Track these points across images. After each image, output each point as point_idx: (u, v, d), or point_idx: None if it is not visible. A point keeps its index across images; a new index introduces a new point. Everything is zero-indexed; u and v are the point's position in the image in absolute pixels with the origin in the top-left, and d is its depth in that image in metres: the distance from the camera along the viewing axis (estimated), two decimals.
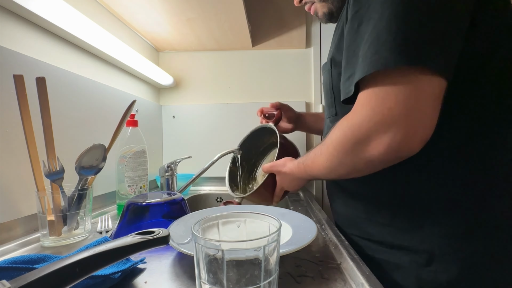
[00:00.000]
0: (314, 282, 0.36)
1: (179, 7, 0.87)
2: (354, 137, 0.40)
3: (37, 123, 0.52)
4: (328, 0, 0.60)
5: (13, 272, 0.32)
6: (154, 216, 0.54)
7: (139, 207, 0.53)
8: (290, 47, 1.23)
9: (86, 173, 0.55)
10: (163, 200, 0.55)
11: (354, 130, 0.40)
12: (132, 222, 0.52)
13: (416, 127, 0.36)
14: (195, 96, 1.27)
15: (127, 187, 0.76)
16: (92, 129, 0.77)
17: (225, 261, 0.26)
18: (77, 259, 0.25)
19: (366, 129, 0.38)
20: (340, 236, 0.50)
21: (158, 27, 1.03)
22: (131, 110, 0.68)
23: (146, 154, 0.81)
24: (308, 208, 0.79)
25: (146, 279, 0.37)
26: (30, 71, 0.57)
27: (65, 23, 0.64)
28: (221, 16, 0.94)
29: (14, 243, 0.50)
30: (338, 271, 0.39)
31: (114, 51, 0.82)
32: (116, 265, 0.37)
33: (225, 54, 1.26)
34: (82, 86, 0.74)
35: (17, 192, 0.54)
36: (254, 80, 1.26)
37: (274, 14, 1.20)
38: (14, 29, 0.58)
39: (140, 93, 1.10)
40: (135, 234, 0.32)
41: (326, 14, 0.62)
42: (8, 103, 0.53)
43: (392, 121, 0.36)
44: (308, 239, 0.41)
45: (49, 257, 0.37)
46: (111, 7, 0.88)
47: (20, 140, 0.53)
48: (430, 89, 0.36)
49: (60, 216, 0.52)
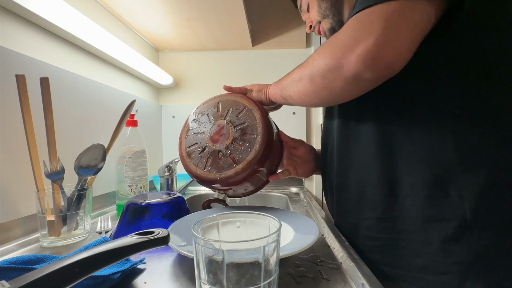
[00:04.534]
0: (315, 282, 0.36)
1: (179, 6, 0.87)
2: (339, 42, 0.41)
3: (37, 123, 0.51)
4: (328, 15, 0.63)
5: (12, 273, 0.32)
6: (154, 216, 0.54)
7: (138, 207, 0.53)
8: (290, 47, 1.23)
9: (85, 173, 0.55)
10: (163, 200, 0.55)
11: (339, 37, 0.41)
12: (132, 223, 0.52)
13: (391, 41, 0.37)
14: (195, 96, 1.27)
15: (126, 187, 0.76)
16: (91, 129, 0.76)
17: (225, 262, 0.26)
18: (76, 259, 0.25)
19: (349, 36, 0.40)
20: (340, 236, 0.50)
21: (158, 27, 1.03)
22: (130, 110, 0.68)
23: (145, 154, 0.81)
24: (308, 208, 0.79)
25: (146, 280, 0.37)
26: (30, 71, 0.57)
27: (65, 23, 0.64)
28: (221, 16, 0.94)
29: (14, 244, 0.50)
30: (339, 272, 0.39)
31: (114, 51, 0.81)
32: (115, 265, 0.36)
33: (225, 54, 1.26)
34: (82, 86, 0.74)
35: (17, 192, 0.54)
36: (254, 80, 1.25)
37: (274, 14, 1.20)
38: (14, 29, 0.57)
39: (139, 93, 1.10)
40: (134, 234, 0.32)
41: (330, 29, 0.65)
42: (8, 103, 0.53)
43: (370, 30, 0.38)
44: (310, 241, 0.41)
45: (49, 258, 0.37)
46: (111, 7, 0.88)
47: (20, 140, 0.53)
48: (417, 16, 0.38)
49: (60, 216, 0.51)
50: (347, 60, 0.39)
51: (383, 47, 0.37)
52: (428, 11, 0.38)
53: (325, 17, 0.64)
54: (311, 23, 0.69)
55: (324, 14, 0.64)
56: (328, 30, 0.66)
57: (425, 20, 0.38)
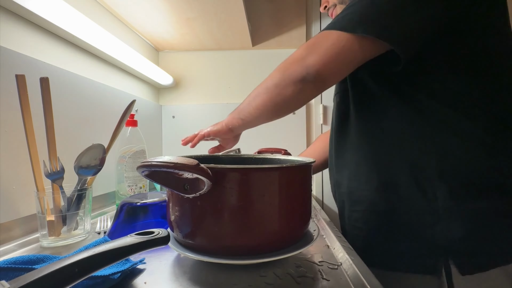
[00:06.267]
0: (315, 282, 0.36)
1: (179, 6, 0.87)
2: (291, 58, 0.51)
3: (36, 123, 0.51)
4: (346, 2, 0.64)
5: (12, 273, 0.32)
6: (153, 216, 0.54)
7: (133, 207, 0.53)
8: (290, 47, 1.23)
9: (85, 173, 0.55)
10: (162, 200, 0.55)
11: (293, 54, 0.52)
12: (127, 222, 0.52)
13: (327, 64, 0.46)
14: (194, 96, 1.27)
15: (126, 187, 0.76)
16: (91, 129, 0.76)
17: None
18: (76, 259, 0.25)
19: (299, 52, 0.50)
20: (340, 236, 0.50)
21: (157, 27, 1.03)
22: (130, 110, 0.68)
23: (145, 154, 0.81)
24: None
25: (146, 280, 0.37)
26: (30, 71, 0.57)
27: (65, 23, 0.64)
28: (221, 15, 0.94)
29: (14, 244, 0.50)
30: (339, 272, 0.39)
31: (113, 51, 0.81)
32: (115, 265, 0.36)
33: (225, 54, 1.26)
34: (82, 86, 0.74)
35: (17, 192, 0.54)
36: (254, 80, 1.26)
37: (274, 14, 1.20)
38: (14, 29, 0.57)
39: (139, 93, 1.10)
40: (134, 234, 0.32)
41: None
42: (8, 104, 0.53)
43: (313, 50, 0.48)
44: (309, 242, 0.41)
45: (49, 258, 0.37)
46: (111, 7, 0.87)
47: (20, 140, 0.53)
48: (358, 48, 0.45)
49: (60, 216, 0.51)
50: (294, 69, 0.49)
51: (323, 64, 0.46)
52: (374, 47, 0.45)
53: (342, 3, 0.64)
54: (327, 3, 0.68)
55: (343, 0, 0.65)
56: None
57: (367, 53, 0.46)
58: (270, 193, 0.37)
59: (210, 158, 0.57)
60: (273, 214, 0.37)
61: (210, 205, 0.36)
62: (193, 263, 0.41)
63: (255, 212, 0.36)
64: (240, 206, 0.35)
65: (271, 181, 0.37)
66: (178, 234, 0.39)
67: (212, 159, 0.57)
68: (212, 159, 0.57)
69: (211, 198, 0.35)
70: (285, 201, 0.38)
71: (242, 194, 0.36)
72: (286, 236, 0.39)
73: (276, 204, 0.37)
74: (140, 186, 0.79)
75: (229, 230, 0.36)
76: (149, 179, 0.36)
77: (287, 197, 0.38)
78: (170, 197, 0.41)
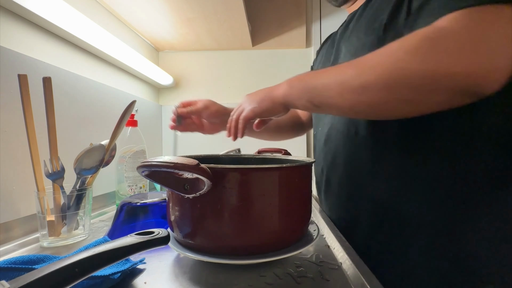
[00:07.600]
0: (314, 283, 0.36)
1: (179, 6, 0.87)
2: (442, 39, 0.32)
3: (36, 123, 0.51)
4: None
5: (12, 273, 0.32)
6: (153, 216, 0.54)
7: (133, 207, 0.53)
8: (290, 47, 1.23)
9: (85, 173, 0.55)
10: (162, 200, 0.55)
11: (452, 37, 0.32)
12: (127, 223, 0.52)
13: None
14: (195, 96, 1.26)
15: (126, 187, 0.76)
16: (91, 129, 0.76)
17: None
18: (76, 259, 0.25)
19: (456, 39, 0.31)
20: (340, 236, 0.50)
21: (157, 27, 1.03)
22: (130, 111, 0.68)
23: (145, 154, 0.81)
24: None
25: (146, 280, 0.37)
26: (30, 71, 0.57)
27: (65, 23, 0.64)
28: (221, 15, 0.94)
29: (14, 244, 0.50)
30: (339, 272, 0.39)
31: (113, 51, 0.81)
32: (115, 265, 0.36)
33: (225, 54, 1.26)
34: (82, 86, 0.74)
35: (17, 192, 0.54)
36: (254, 80, 1.26)
37: (274, 14, 1.20)
38: (15, 29, 0.57)
39: (139, 93, 1.10)
40: (134, 234, 0.32)
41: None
42: (8, 104, 0.53)
43: (484, 47, 0.31)
44: (309, 242, 0.41)
45: (49, 258, 0.37)
46: (111, 7, 0.88)
47: (20, 140, 0.53)
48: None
49: (60, 216, 0.51)
50: (476, 68, 0.31)
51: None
52: None
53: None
54: None
55: None
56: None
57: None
58: (270, 193, 0.37)
59: (210, 158, 0.57)
60: (273, 214, 0.37)
61: (210, 205, 0.36)
62: (193, 263, 0.41)
63: (255, 212, 0.36)
64: (240, 206, 0.35)
65: (271, 181, 0.37)
66: (178, 234, 0.39)
67: (212, 159, 0.57)
68: (212, 159, 0.57)
69: (211, 198, 0.35)
70: (285, 201, 0.38)
71: (242, 194, 0.36)
72: (286, 236, 0.39)
73: (276, 204, 0.37)
74: (140, 186, 0.79)
75: (229, 230, 0.36)
76: (149, 179, 0.36)
77: (287, 197, 0.38)
78: (170, 197, 0.41)
